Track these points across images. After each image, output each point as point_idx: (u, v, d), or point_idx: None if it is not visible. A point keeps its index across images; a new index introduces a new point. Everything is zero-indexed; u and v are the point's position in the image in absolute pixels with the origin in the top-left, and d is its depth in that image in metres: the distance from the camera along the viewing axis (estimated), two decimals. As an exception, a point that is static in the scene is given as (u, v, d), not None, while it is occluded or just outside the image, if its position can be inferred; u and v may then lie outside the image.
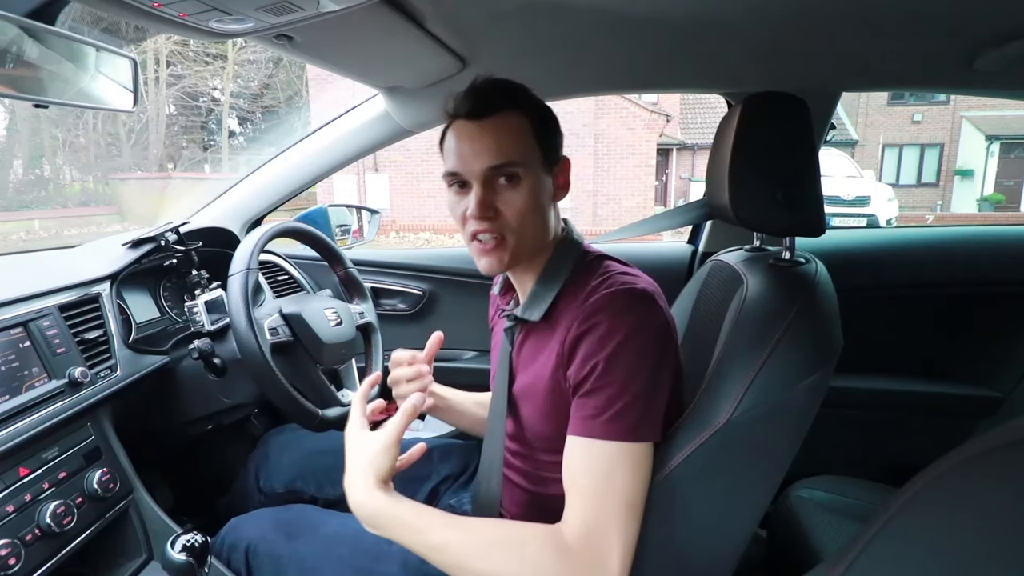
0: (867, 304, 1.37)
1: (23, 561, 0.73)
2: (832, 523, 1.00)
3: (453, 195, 0.75)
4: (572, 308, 0.71)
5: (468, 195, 0.73)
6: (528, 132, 0.72)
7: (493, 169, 0.71)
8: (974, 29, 0.90)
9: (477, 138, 0.71)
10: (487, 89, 0.72)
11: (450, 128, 0.74)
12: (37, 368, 0.86)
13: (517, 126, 0.72)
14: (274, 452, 1.12)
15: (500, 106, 0.71)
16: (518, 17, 0.91)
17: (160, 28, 0.75)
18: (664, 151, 13.45)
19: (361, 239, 1.70)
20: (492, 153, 0.70)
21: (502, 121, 0.71)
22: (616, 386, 0.64)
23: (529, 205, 0.72)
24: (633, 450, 0.64)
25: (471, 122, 0.71)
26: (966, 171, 15.25)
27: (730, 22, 0.92)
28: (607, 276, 0.71)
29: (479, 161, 0.71)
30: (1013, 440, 0.36)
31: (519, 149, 0.71)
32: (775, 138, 0.77)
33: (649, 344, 0.66)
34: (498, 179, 0.71)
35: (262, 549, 0.83)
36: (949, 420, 1.38)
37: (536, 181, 0.73)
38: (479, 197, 0.71)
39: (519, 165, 0.71)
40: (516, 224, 0.72)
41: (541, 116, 0.74)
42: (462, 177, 0.73)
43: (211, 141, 15.85)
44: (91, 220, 11.08)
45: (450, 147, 0.73)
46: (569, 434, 0.67)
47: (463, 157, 0.72)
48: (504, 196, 0.72)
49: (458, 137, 0.72)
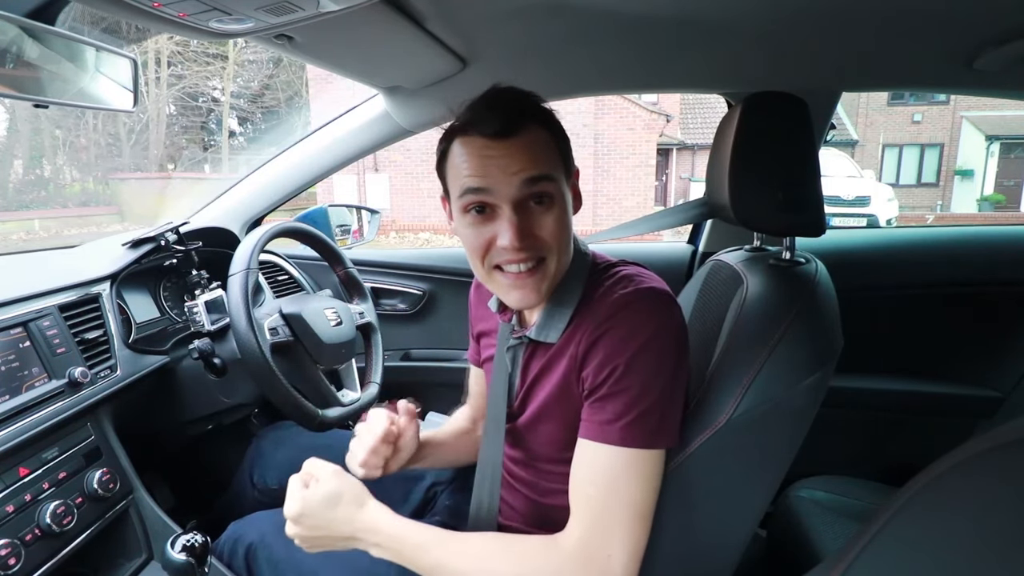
0: (867, 304, 1.37)
1: (23, 561, 0.73)
2: (832, 523, 1.00)
3: (471, 224, 0.66)
4: (587, 315, 0.68)
5: (491, 223, 0.65)
6: (552, 147, 0.66)
7: (529, 182, 0.63)
8: (974, 29, 0.90)
9: (505, 154, 0.63)
10: (510, 105, 0.64)
11: (459, 143, 0.65)
12: (37, 368, 0.85)
13: (544, 142, 0.65)
14: (269, 448, 1.12)
15: (525, 122, 0.64)
16: (518, 17, 0.90)
17: (160, 28, 0.75)
18: (664, 151, 13.44)
19: (361, 239, 1.70)
20: (526, 166, 0.62)
21: (528, 138, 0.64)
22: (635, 390, 0.62)
23: (564, 224, 0.66)
24: (648, 457, 0.62)
25: (496, 140, 0.63)
26: (966, 171, 15.25)
27: (730, 22, 0.92)
28: (622, 277, 0.69)
29: (511, 177, 0.62)
30: (1013, 440, 0.36)
31: (549, 163, 0.65)
32: (775, 138, 0.77)
33: (669, 347, 0.64)
34: (529, 201, 0.64)
35: (261, 553, 0.83)
36: (949, 420, 1.38)
37: (565, 200, 0.67)
38: (515, 224, 0.63)
39: (553, 180, 0.64)
40: (554, 247, 0.66)
41: (559, 129, 0.69)
42: (486, 198, 0.64)
43: (211, 141, 15.85)
44: (91, 220, 11.09)
45: (465, 165, 0.64)
46: (581, 438, 0.65)
47: (489, 175, 0.63)
48: (539, 220, 0.65)
49: (479, 155, 0.63)
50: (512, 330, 0.77)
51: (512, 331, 0.77)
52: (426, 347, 1.74)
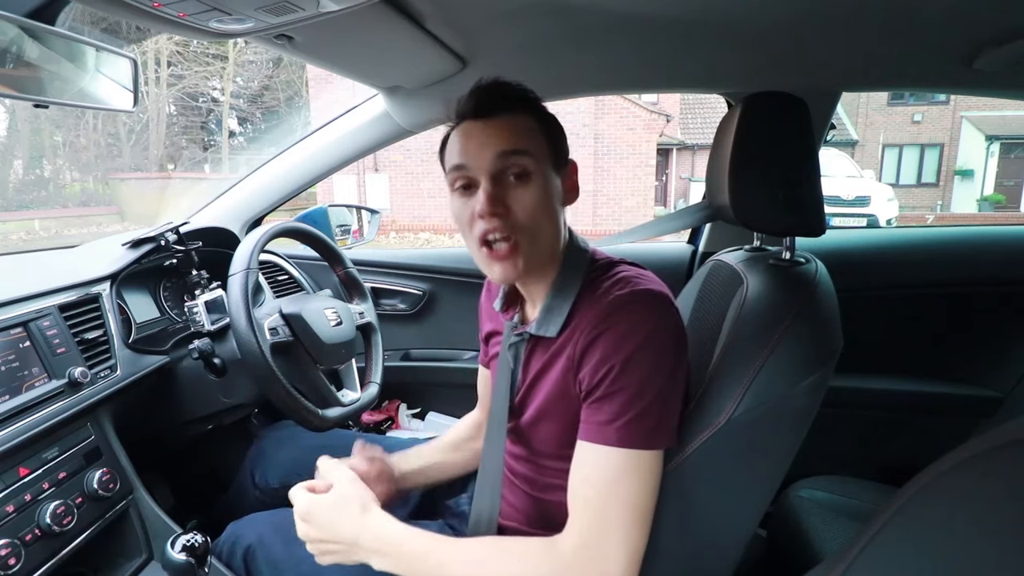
0: (867, 304, 1.37)
1: (23, 561, 0.73)
2: (832, 523, 1.00)
3: (458, 199, 0.71)
4: (584, 314, 0.69)
5: (474, 196, 0.68)
6: (537, 129, 0.70)
7: (502, 156, 0.66)
8: (974, 29, 0.90)
9: (483, 132, 0.68)
10: (494, 89, 0.70)
11: (454, 131, 0.71)
12: (37, 368, 0.85)
13: (526, 122, 0.69)
14: (270, 448, 1.12)
15: (508, 106, 0.69)
16: (518, 17, 0.90)
17: (160, 28, 0.75)
18: (664, 151, 13.45)
19: (361, 239, 1.70)
20: (501, 141, 0.67)
21: (510, 119, 0.68)
22: (632, 391, 0.62)
23: (540, 203, 0.68)
24: (645, 458, 0.63)
25: (478, 120, 0.68)
26: (966, 171, 15.25)
27: (730, 22, 0.92)
28: (620, 278, 0.69)
29: (487, 151, 0.67)
30: (1013, 440, 0.36)
31: (529, 142, 0.68)
32: (775, 138, 0.77)
33: (666, 348, 0.64)
34: (507, 176, 0.67)
35: (260, 553, 0.83)
36: (949, 420, 1.38)
37: (546, 179, 0.69)
38: (488, 192, 0.66)
39: (528, 155, 0.67)
40: (528, 223, 0.68)
41: (549, 119, 0.72)
42: (467, 172, 0.68)
43: (211, 141, 15.85)
44: (91, 220, 11.08)
45: (454, 146, 0.70)
46: (580, 439, 0.66)
47: (468, 151, 0.68)
48: (514, 193, 0.67)
49: (464, 135, 0.69)
50: (514, 328, 0.79)
51: (514, 329, 0.78)
52: (426, 347, 1.74)
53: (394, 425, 1.70)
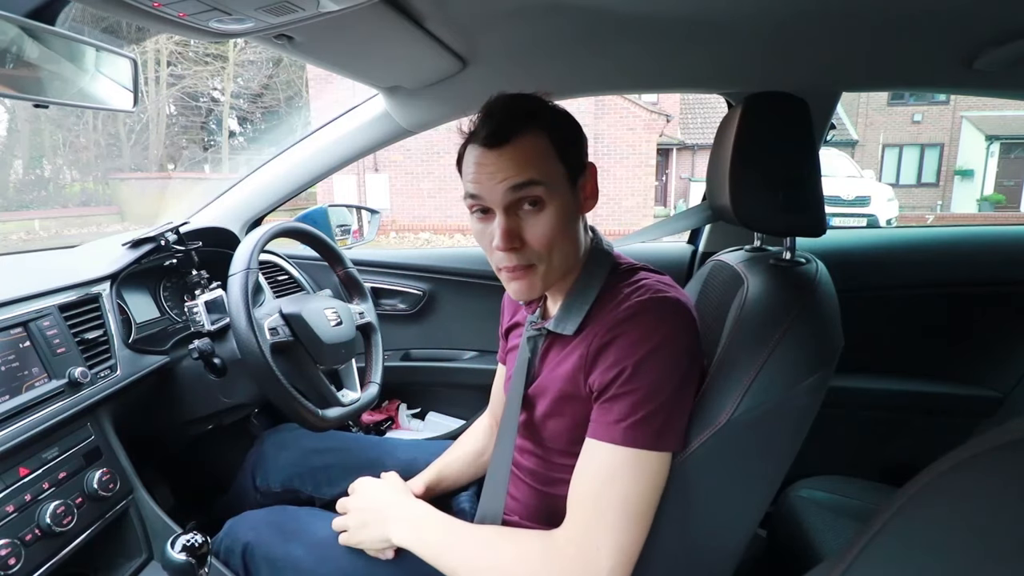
0: (867, 304, 1.37)
1: (23, 561, 0.73)
2: (832, 523, 1.00)
3: (477, 221, 0.72)
4: (602, 316, 0.70)
5: (492, 222, 0.69)
6: (550, 151, 0.68)
7: (514, 189, 0.66)
8: (974, 29, 0.90)
9: (494, 163, 0.67)
10: (504, 113, 0.68)
11: (468, 149, 0.71)
12: (37, 368, 0.85)
13: (537, 147, 0.67)
14: (271, 451, 1.12)
15: (518, 130, 0.67)
16: (518, 17, 0.90)
17: (160, 28, 0.75)
18: (664, 151, 13.45)
19: (361, 239, 1.70)
20: (513, 174, 0.66)
21: (520, 145, 0.67)
22: (642, 393, 0.63)
23: (556, 230, 0.68)
24: (650, 458, 0.64)
25: (489, 150, 0.67)
26: (966, 171, 15.25)
27: (730, 22, 0.92)
28: (640, 284, 0.70)
29: (498, 184, 0.67)
30: (1013, 440, 0.36)
31: (541, 168, 0.67)
32: (775, 138, 0.77)
33: (680, 354, 0.65)
34: (522, 205, 0.68)
35: (259, 552, 0.83)
36: (949, 420, 1.38)
37: (561, 202, 0.69)
38: (503, 227, 0.67)
39: (541, 184, 0.67)
40: (544, 250, 0.69)
41: (563, 130, 0.70)
42: (483, 203, 0.69)
43: (211, 141, 15.84)
44: (91, 220, 11.08)
45: (468, 170, 0.70)
46: (588, 437, 0.67)
47: (481, 182, 0.68)
48: (529, 222, 0.68)
49: (476, 162, 0.68)
50: (534, 322, 0.81)
51: (534, 323, 0.81)
52: (426, 347, 1.74)
53: (394, 425, 1.70)
